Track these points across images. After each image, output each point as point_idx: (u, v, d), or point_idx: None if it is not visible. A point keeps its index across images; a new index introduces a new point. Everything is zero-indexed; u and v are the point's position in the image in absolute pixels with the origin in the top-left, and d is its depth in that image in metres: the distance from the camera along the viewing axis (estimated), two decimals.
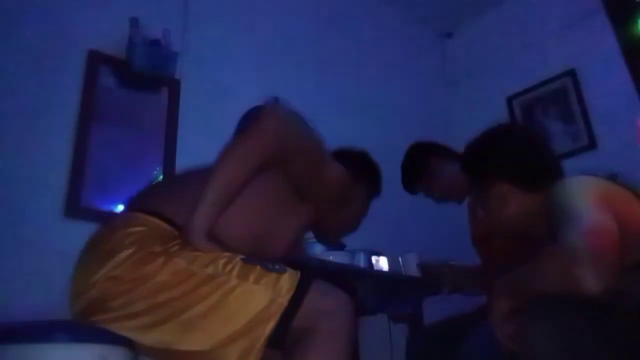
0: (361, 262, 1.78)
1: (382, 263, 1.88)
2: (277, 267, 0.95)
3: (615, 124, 2.54)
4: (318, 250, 1.71)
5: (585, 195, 1.00)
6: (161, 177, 1.19)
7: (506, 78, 3.07)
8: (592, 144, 2.63)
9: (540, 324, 0.83)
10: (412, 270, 1.93)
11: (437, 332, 1.61)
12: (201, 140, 2.11)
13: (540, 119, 2.90)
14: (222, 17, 2.38)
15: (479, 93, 3.25)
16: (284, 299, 0.90)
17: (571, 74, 2.79)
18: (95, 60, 1.91)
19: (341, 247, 1.80)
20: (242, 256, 0.96)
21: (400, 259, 1.98)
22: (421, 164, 1.92)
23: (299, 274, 0.96)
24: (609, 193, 1.02)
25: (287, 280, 0.93)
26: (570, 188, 1.05)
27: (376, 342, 2.03)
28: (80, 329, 0.94)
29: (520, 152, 1.21)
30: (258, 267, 0.94)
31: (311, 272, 0.98)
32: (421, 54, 3.41)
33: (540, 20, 3.01)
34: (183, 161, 2.00)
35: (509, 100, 3.05)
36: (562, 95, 2.81)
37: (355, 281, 1.70)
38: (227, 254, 0.96)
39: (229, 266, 0.93)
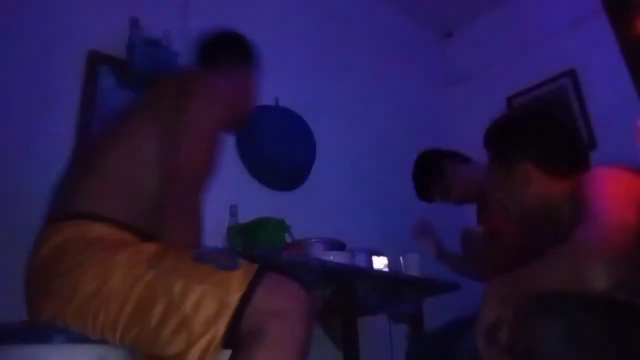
0: (361, 262, 1.78)
1: (382, 263, 1.88)
2: (230, 263, 0.92)
3: (615, 124, 2.54)
4: (318, 250, 1.71)
5: (609, 188, 0.97)
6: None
7: (506, 78, 3.07)
8: (591, 144, 2.63)
9: (547, 322, 0.82)
10: (413, 270, 1.94)
11: (438, 336, 1.61)
12: None
13: None
14: (222, 17, 2.37)
15: (479, 93, 3.25)
16: (233, 299, 0.86)
17: (571, 74, 2.79)
18: (95, 60, 1.91)
19: (341, 247, 1.81)
20: (192, 253, 0.94)
21: (400, 259, 1.98)
22: (435, 168, 1.94)
23: (254, 268, 0.91)
24: (635, 185, 0.98)
25: (238, 278, 0.89)
26: (594, 179, 1.00)
27: (376, 342, 2.03)
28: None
29: (550, 134, 1.15)
30: (207, 265, 0.91)
31: (265, 266, 0.93)
32: (421, 54, 3.41)
33: (540, 20, 3.01)
34: None
35: (509, 100, 3.05)
36: (562, 95, 2.81)
37: (355, 281, 1.70)
38: (174, 249, 0.94)
39: (175, 266, 0.91)
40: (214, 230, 1.83)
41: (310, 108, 2.50)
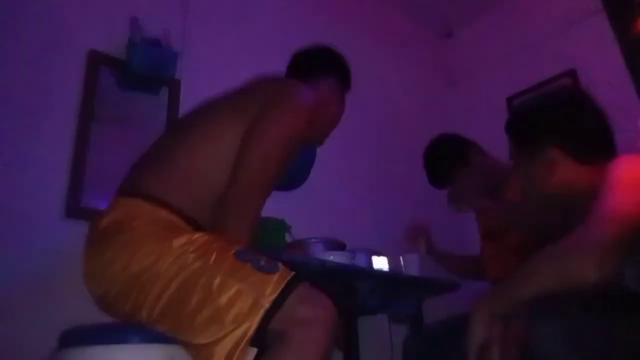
0: (361, 262, 1.78)
1: (382, 263, 1.88)
2: (269, 265, 0.96)
3: (614, 124, 2.54)
4: (318, 250, 1.71)
5: (626, 175, 0.95)
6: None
7: (506, 78, 3.07)
8: None
9: (546, 324, 0.82)
10: (413, 270, 1.94)
11: (435, 333, 1.61)
12: None
13: None
14: (222, 16, 2.38)
15: (479, 93, 3.25)
16: (266, 300, 0.90)
17: (571, 74, 2.79)
18: (95, 60, 1.91)
19: (341, 247, 1.80)
20: (235, 250, 0.97)
21: (400, 259, 1.98)
22: (459, 154, 1.80)
23: (290, 275, 0.95)
24: None
25: (274, 282, 0.92)
26: (614, 167, 0.98)
27: (376, 342, 2.03)
28: (149, 330, 0.97)
29: (578, 118, 1.11)
30: (248, 264, 0.94)
31: (301, 275, 0.97)
32: (421, 54, 3.41)
33: (540, 20, 3.01)
34: None
35: (509, 100, 3.05)
36: None
37: (356, 281, 1.70)
38: (220, 244, 0.98)
39: (219, 261, 0.94)
40: None
41: None
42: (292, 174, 2.36)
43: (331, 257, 1.63)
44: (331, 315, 0.93)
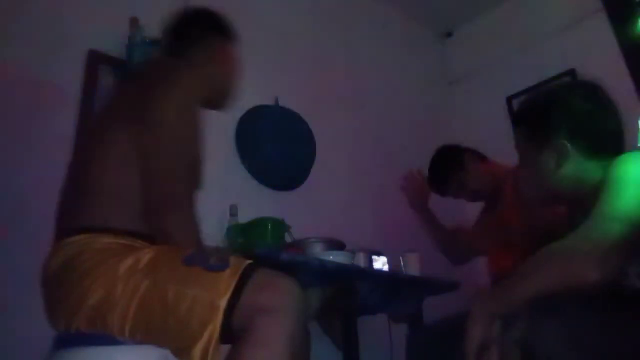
0: (361, 262, 1.78)
1: (382, 263, 1.88)
2: (219, 264, 0.93)
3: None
4: (318, 250, 1.71)
5: (627, 175, 0.94)
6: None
7: (506, 78, 3.07)
8: None
9: (547, 323, 0.81)
10: (413, 270, 1.94)
11: (438, 331, 1.60)
12: None
13: None
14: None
15: (479, 93, 3.25)
16: (222, 301, 0.88)
17: (571, 74, 2.78)
18: (95, 60, 1.90)
19: (341, 247, 1.81)
20: (183, 258, 0.95)
21: (400, 259, 1.98)
22: (455, 162, 1.96)
23: (242, 267, 0.92)
24: None
25: (226, 279, 0.90)
26: (619, 165, 0.97)
27: (376, 342, 2.03)
28: None
29: (589, 113, 1.09)
30: (197, 268, 0.93)
31: (256, 264, 0.94)
32: (421, 54, 3.41)
33: (540, 20, 3.01)
34: None
35: (509, 100, 3.05)
36: None
37: (355, 281, 1.70)
38: (168, 256, 0.97)
39: (168, 273, 0.93)
40: (214, 230, 1.83)
41: (310, 108, 2.50)
42: (293, 172, 2.36)
43: (331, 257, 1.63)
44: (293, 298, 0.90)
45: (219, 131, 2.20)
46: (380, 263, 1.87)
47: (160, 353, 0.95)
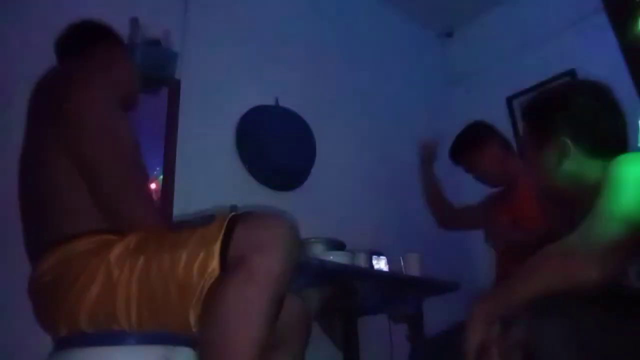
0: (361, 262, 1.78)
1: (382, 263, 1.88)
2: (204, 220, 0.96)
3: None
4: (318, 250, 1.71)
5: (625, 176, 0.95)
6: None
7: (506, 78, 3.07)
8: None
9: (548, 322, 0.81)
10: (413, 270, 1.94)
11: (441, 342, 1.60)
12: (201, 140, 2.11)
13: None
14: (222, 17, 2.38)
15: (479, 93, 3.25)
16: (215, 246, 0.90)
17: (571, 74, 2.79)
18: None
19: (341, 247, 1.81)
20: (171, 227, 0.99)
21: (400, 259, 1.98)
22: (483, 138, 2.03)
23: (229, 215, 0.95)
24: None
25: (215, 228, 0.93)
26: (617, 165, 0.97)
27: (376, 342, 2.03)
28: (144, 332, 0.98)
29: (593, 112, 1.10)
30: (184, 230, 0.95)
31: (244, 212, 0.97)
32: (421, 54, 3.41)
33: (540, 20, 3.01)
34: (183, 161, 2.01)
35: (509, 100, 3.05)
36: None
37: (355, 281, 1.70)
38: (154, 232, 0.98)
39: (159, 245, 0.95)
40: None
41: (310, 108, 2.50)
42: (293, 172, 2.36)
43: (331, 257, 1.63)
44: (283, 234, 0.91)
45: (219, 131, 2.20)
46: (380, 263, 1.87)
47: (162, 353, 0.95)
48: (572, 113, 1.11)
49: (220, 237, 0.90)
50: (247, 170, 2.24)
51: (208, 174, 2.06)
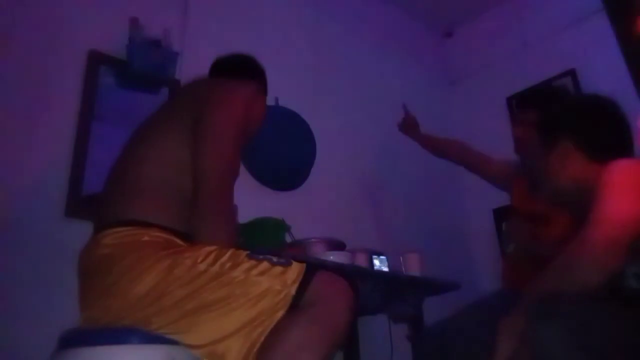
0: (361, 262, 1.78)
1: (382, 263, 1.88)
2: (282, 260, 0.99)
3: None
4: (318, 250, 1.71)
5: (618, 180, 0.98)
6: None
7: (506, 78, 3.06)
8: None
9: (551, 324, 0.83)
10: (413, 270, 1.94)
11: (444, 330, 1.60)
12: None
13: None
14: (222, 17, 2.38)
15: (479, 93, 3.25)
16: (291, 289, 0.94)
17: (571, 74, 2.78)
18: (95, 60, 1.91)
19: (341, 247, 1.81)
20: (248, 252, 1.00)
21: (400, 259, 1.98)
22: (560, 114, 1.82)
23: (304, 265, 0.99)
24: None
25: (293, 272, 0.97)
26: (609, 171, 1.02)
27: (376, 342, 2.03)
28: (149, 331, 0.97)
29: (596, 119, 1.17)
30: (265, 262, 0.98)
31: (315, 265, 1.02)
32: (421, 54, 3.41)
33: (540, 20, 3.01)
34: None
35: (509, 100, 3.05)
36: None
37: (355, 281, 1.69)
38: (230, 250, 1.00)
39: (234, 262, 0.97)
40: None
41: (310, 108, 2.50)
42: (293, 172, 2.36)
43: (331, 257, 1.63)
44: (349, 296, 0.97)
45: None
46: (380, 263, 1.87)
47: (166, 352, 0.94)
48: (575, 119, 1.16)
49: (298, 283, 0.95)
50: (247, 170, 2.24)
51: None
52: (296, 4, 2.72)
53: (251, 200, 2.09)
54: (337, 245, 1.78)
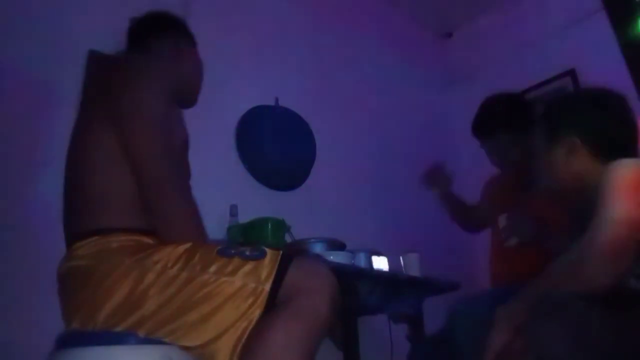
0: (361, 262, 1.78)
1: (382, 263, 1.88)
2: (255, 253, 0.96)
3: None
4: (318, 250, 1.71)
5: (622, 181, 0.97)
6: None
7: (506, 78, 3.05)
8: None
9: (550, 323, 0.83)
10: (413, 270, 1.94)
11: (440, 340, 1.60)
12: (201, 140, 2.11)
13: None
14: (222, 17, 2.38)
15: (479, 93, 3.24)
16: (265, 286, 0.91)
17: (571, 74, 2.78)
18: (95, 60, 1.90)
19: (341, 247, 1.80)
20: (217, 249, 0.97)
21: (400, 259, 1.98)
22: (521, 123, 1.80)
23: (279, 255, 0.96)
24: None
25: (267, 266, 0.93)
26: (612, 171, 1.01)
27: (376, 342, 2.03)
28: None
29: (605, 116, 1.15)
30: (235, 258, 0.95)
31: (291, 252, 0.98)
32: (421, 54, 3.41)
33: (540, 20, 3.01)
34: None
35: None
36: None
37: (355, 281, 1.70)
38: (201, 249, 0.97)
39: (204, 263, 0.94)
40: (214, 230, 1.83)
41: (310, 108, 2.50)
42: (293, 172, 2.36)
43: (331, 257, 1.63)
44: (329, 282, 0.94)
45: (219, 131, 2.20)
46: (380, 263, 1.87)
47: (163, 352, 0.94)
48: (584, 114, 1.15)
49: (272, 278, 0.91)
50: (247, 170, 2.24)
51: (208, 173, 2.06)
52: (296, 4, 2.72)
53: (251, 200, 2.09)
54: (337, 245, 1.78)
